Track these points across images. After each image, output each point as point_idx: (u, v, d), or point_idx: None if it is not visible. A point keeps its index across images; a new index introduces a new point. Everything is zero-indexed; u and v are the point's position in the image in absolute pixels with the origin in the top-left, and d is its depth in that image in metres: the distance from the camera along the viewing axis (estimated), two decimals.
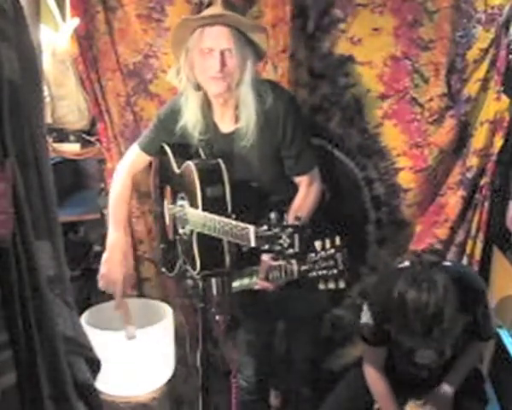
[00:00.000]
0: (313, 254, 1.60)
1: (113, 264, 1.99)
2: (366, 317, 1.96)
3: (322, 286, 1.61)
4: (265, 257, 1.79)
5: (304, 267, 1.63)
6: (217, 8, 1.82)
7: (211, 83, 1.85)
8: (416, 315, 1.71)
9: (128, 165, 2.12)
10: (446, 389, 1.99)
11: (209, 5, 1.86)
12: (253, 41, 1.86)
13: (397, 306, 1.77)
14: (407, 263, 2.09)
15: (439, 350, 1.90)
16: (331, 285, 1.59)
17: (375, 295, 2.00)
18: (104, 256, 2.01)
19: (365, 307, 1.97)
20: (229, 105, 1.93)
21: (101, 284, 1.99)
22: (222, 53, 1.80)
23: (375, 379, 2.03)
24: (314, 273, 1.60)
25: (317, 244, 1.60)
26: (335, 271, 1.57)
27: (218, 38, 1.80)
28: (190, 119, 1.94)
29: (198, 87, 1.91)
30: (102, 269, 1.99)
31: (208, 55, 1.81)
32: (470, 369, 2.05)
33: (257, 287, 1.84)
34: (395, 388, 2.02)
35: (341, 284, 1.59)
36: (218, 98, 1.91)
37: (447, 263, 1.84)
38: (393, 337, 1.90)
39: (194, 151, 1.99)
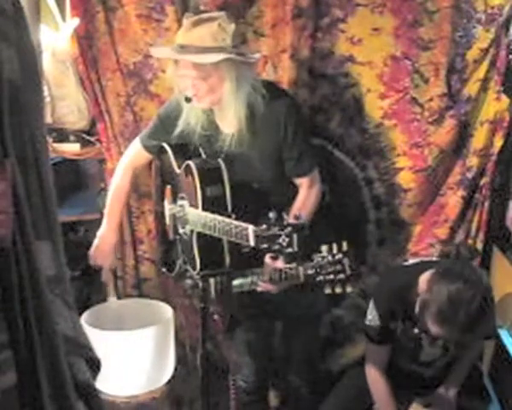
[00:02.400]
0: (320, 258, 1.59)
1: (101, 252, 2.17)
2: (372, 315, 1.95)
3: (328, 290, 1.61)
4: (269, 259, 1.79)
5: (310, 271, 1.63)
6: (185, 33, 1.81)
7: (195, 100, 1.87)
8: (462, 308, 1.66)
9: (129, 159, 2.16)
10: (449, 389, 1.99)
11: (186, 11, 1.87)
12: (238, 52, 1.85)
13: (435, 299, 1.71)
14: (414, 261, 2.09)
15: (443, 347, 1.89)
16: (338, 290, 1.60)
17: (382, 293, 1.99)
18: (94, 243, 2.16)
19: (371, 305, 1.96)
20: (226, 110, 1.93)
21: (91, 261, 2.19)
22: (193, 81, 1.82)
23: (375, 379, 2.02)
24: (321, 277, 1.60)
25: (324, 248, 1.60)
26: (343, 276, 1.57)
27: (186, 68, 1.82)
28: (192, 119, 1.94)
29: (188, 99, 1.92)
30: (91, 252, 2.17)
31: (185, 79, 1.84)
32: (471, 366, 2.04)
33: (260, 289, 1.84)
34: (399, 389, 2.02)
35: (348, 289, 1.59)
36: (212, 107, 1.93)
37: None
38: (403, 333, 1.89)
39: (195, 151, 1.99)
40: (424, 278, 1.81)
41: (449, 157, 2.36)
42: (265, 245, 1.48)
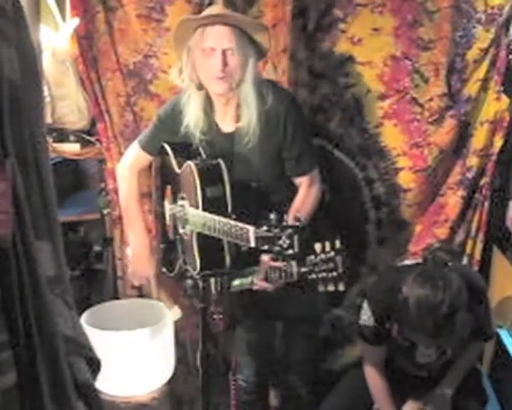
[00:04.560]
0: (313, 257, 1.60)
1: (139, 263, 2.12)
2: (366, 315, 1.95)
3: (321, 288, 1.62)
4: (265, 258, 1.79)
5: (303, 269, 1.63)
6: (218, 8, 1.82)
7: (213, 83, 1.86)
8: (429, 312, 1.67)
9: (130, 163, 2.14)
10: (445, 390, 1.99)
11: (210, 4, 1.86)
12: (255, 40, 1.86)
13: (407, 300, 1.72)
14: (408, 262, 2.09)
15: (440, 350, 1.89)
16: (330, 288, 1.60)
17: (376, 292, 1.99)
18: (129, 255, 2.13)
19: (365, 305, 1.96)
20: (230, 104, 1.93)
21: (133, 281, 2.15)
22: (224, 52, 1.80)
23: (373, 377, 2.02)
24: (314, 275, 1.60)
25: (317, 247, 1.60)
26: (335, 273, 1.57)
27: (219, 38, 1.80)
28: (192, 118, 1.94)
29: (200, 87, 1.91)
30: (130, 268, 2.13)
31: (210, 54, 1.82)
32: (469, 369, 2.04)
33: (256, 287, 1.84)
34: (395, 389, 2.02)
35: (341, 287, 1.59)
36: (220, 98, 1.92)
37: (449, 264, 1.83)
38: (398, 334, 1.89)
39: (195, 151, 1.99)
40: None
41: (449, 157, 2.36)
42: (266, 246, 1.48)
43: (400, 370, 2.04)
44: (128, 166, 2.13)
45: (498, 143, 2.28)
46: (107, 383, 2.10)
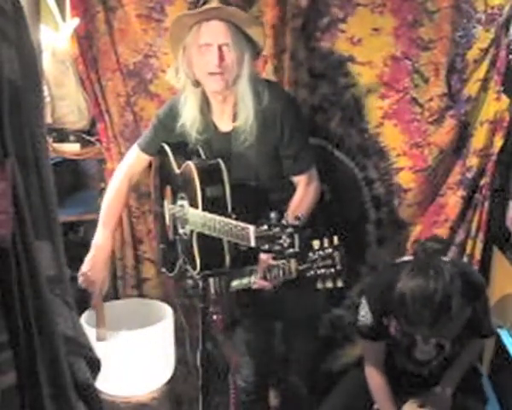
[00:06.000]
0: (311, 254, 1.60)
1: (97, 264, 1.98)
2: (364, 311, 1.96)
3: (320, 285, 1.62)
4: (264, 256, 1.79)
5: (302, 266, 1.63)
6: (213, 4, 1.82)
7: (209, 79, 1.85)
8: (424, 303, 1.68)
9: (126, 166, 2.12)
10: (445, 389, 1.99)
11: (204, 3, 1.86)
12: (250, 36, 1.86)
13: (402, 294, 1.73)
14: (406, 258, 2.09)
15: (438, 346, 1.90)
16: (329, 284, 1.60)
17: (374, 289, 2.00)
18: (89, 255, 2.00)
19: (363, 302, 1.97)
20: (227, 102, 1.93)
21: (81, 281, 1.96)
22: (220, 47, 1.80)
23: (373, 376, 2.02)
24: (312, 272, 1.60)
25: (315, 243, 1.60)
26: (333, 270, 1.57)
27: (215, 33, 1.81)
28: (189, 117, 1.94)
29: (197, 84, 1.91)
30: (85, 267, 1.97)
31: (206, 50, 1.82)
32: (468, 367, 2.04)
33: (255, 286, 1.84)
34: (395, 388, 2.02)
35: (339, 283, 1.59)
36: (217, 96, 1.91)
37: (445, 259, 1.83)
38: (396, 332, 1.89)
39: (195, 151, 1.99)
40: None
41: (449, 157, 2.36)
42: (266, 246, 1.48)
43: (400, 369, 2.04)
44: (123, 169, 2.11)
45: (498, 143, 2.28)
46: (107, 383, 2.10)
